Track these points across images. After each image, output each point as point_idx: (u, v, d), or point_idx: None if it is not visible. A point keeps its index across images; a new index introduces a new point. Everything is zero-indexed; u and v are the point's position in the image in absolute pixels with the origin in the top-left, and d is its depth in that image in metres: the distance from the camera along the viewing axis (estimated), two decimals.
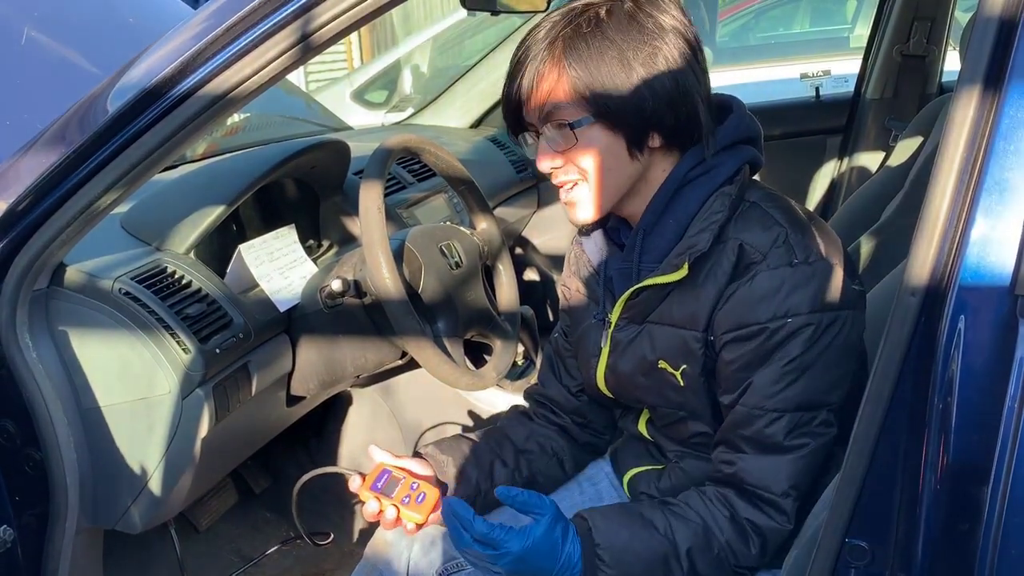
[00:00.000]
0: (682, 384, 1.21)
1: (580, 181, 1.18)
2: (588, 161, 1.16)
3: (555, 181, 1.21)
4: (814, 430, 1.14)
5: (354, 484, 1.21)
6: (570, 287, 1.39)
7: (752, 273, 1.13)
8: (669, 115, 1.15)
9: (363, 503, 1.20)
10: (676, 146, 1.18)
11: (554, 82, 1.14)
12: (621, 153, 1.16)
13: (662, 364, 1.21)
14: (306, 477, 1.25)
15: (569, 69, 1.13)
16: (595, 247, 1.30)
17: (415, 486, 1.20)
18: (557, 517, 1.13)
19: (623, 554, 1.11)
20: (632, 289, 1.21)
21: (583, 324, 1.34)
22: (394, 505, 1.18)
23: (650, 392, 1.25)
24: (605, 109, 1.13)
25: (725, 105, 1.22)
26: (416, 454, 1.32)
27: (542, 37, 1.15)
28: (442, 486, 1.28)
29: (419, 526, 1.20)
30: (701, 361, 1.18)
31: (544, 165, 1.18)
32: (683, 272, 1.15)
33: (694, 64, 1.15)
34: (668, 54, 1.13)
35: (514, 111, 1.20)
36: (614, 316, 1.26)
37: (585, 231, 1.31)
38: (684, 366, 1.20)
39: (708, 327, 1.17)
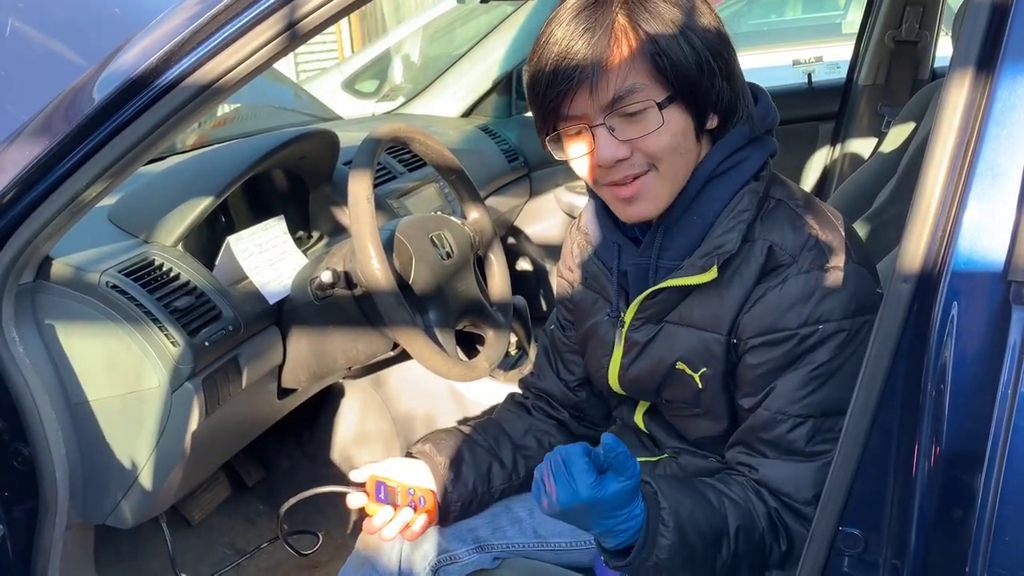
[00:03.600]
0: (700, 386, 1.16)
1: (650, 171, 1.08)
2: (664, 147, 1.06)
3: (613, 178, 1.09)
4: (836, 436, 1.07)
5: (357, 500, 1.20)
6: (572, 280, 1.33)
7: (782, 276, 1.08)
8: (727, 89, 1.08)
9: (368, 516, 1.21)
10: (721, 130, 1.11)
11: (629, 59, 1.02)
12: (691, 135, 1.08)
13: (680, 366, 1.16)
14: (293, 500, 1.22)
15: (645, 42, 1.02)
16: (604, 240, 1.21)
17: (412, 492, 1.21)
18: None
19: (685, 522, 1.05)
20: (651, 290, 1.15)
21: (590, 320, 1.28)
22: (408, 507, 1.20)
23: (666, 390, 1.21)
24: (685, 83, 1.04)
25: (752, 90, 1.16)
26: (408, 454, 1.31)
27: (587, 14, 1.03)
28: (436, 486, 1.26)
29: (424, 527, 1.21)
30: (723, 365, 1.14)
31: (609, 158, 1.06)
32: (711, 274, 1.09)
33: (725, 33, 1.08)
34: (708, 15, 1.05)
35: (555, 109, 1.06)
36: (628, 315, 1.19)
37: (592, 222, 1.23)
38: (704, 369, 1.15)
39: (732, 330, 1.12)
